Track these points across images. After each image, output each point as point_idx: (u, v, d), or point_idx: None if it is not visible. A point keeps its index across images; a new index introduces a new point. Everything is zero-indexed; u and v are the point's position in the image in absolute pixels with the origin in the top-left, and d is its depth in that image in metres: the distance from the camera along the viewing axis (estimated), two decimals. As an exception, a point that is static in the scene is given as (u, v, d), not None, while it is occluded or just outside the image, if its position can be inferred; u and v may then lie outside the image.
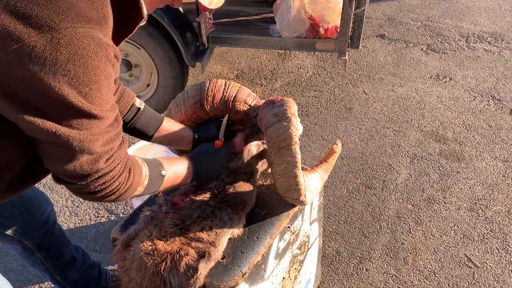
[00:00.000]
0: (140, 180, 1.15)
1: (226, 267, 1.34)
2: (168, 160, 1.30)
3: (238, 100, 1.57)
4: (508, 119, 3.16)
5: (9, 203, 1.53)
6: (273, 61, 4.03)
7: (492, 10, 4.90)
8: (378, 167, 2.77)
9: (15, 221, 1.58)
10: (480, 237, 2.29)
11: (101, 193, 1.06)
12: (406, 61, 4.00)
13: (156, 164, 1.23)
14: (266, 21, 3.53)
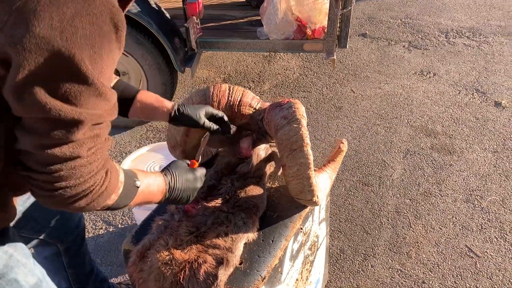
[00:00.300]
0: (116, 185, 1.00)
1: (245, 272, 1.34)
2: (142, 172, 1.14)
3: (243, 104, 1.57)
4: (493, 111, 3.25)
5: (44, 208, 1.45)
6: (259, 63, 4.04)
7: (467, 6, 5.03)
8: (373, 164, 2.80)
9: (50, 223, 1.54)
10: (478, 227, 2.33)
11: (71, 192, 0.89)
12: (390, 58, 4.06)
13: (130, 173, 1.08)
14: (252, 24, 3.53)
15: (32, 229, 1.51)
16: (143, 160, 2.23)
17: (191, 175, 1.28)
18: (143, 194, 1.11)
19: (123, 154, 3.02)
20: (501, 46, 4.12)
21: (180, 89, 3.70)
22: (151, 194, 1.15)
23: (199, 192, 1.35)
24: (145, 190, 1.11)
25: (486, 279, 2.08)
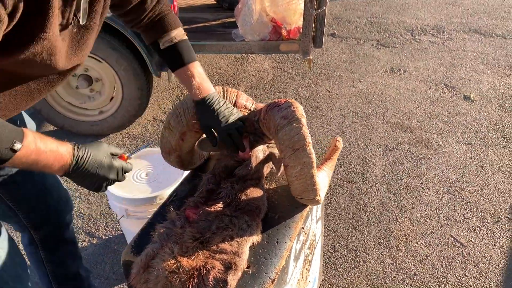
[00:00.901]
0: None
1: (254, 276, 1.31)
2: (42, 137, 1.07)
3: (238, 105, 1.55)
4: (463, 104, 3.36)
5: (30, 183, 1.46)
6: (232, 66, 4.02)
7: (429, 4, 5.20)
8: (354, 161, 2.84)
9: (29, 204, 1.51)
10: (461, 217, 2.41)
11: None
12: (360, 57, 4.14)
13: (15, 134, 1.00)
14: (225, 26, 3.51)
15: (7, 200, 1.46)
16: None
17: (107, 161, 1.22)
18: (29, 159, 1.03)
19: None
20: (464, 42, 4.29)
21: (154, 94, 3.63)
22: (43, 162, 1.07)
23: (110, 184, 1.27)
24: (30, 154, 1.03)
25: (474, 267, 2.15)
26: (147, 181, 2.09)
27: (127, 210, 2.02)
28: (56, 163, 1.09)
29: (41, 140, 1.06)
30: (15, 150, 0.99)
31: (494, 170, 2.71)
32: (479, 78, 3.68)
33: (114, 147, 1.29)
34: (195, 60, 1.44)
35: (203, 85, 1.42)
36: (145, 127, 3.29)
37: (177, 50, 1.41)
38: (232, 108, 1.46)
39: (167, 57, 1.44)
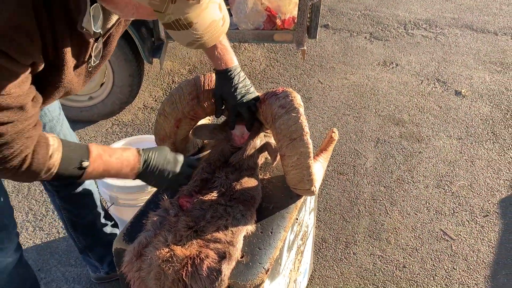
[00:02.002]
0: (42, 166, 1.08)
1: (248, 266, 1.30)
2: (105, 149, 1.21)
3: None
4: (454, 99, 3.38)
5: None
6: (224, 54, 3.97)
7: (422, -2, 5.20)
8: (346, 153, 2.84)
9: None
10: (450, 211, 2.43)
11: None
12: (353, 49, 4.13)
13: (79, 153, 1.15)
14: (219, 14, 3.46)
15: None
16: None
17: (171, 156, 1.35)
18: (99, 171, 1.19)
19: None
20: (456, 37, 4.30)
21: (145, 81, 3.58)
22: (115, 170, 1.22)
23: (182, 180, 1.40)
24: (100, 168, 1.19)
25: (462, 260, 2.17)
26: (139, 168, 2.06)
27: (118, 198, 1.99)
28: (125, 168, 1.24)
29: (105, 151, 1.21)
30: (84, 167, 1.14)
31: (483, 165, 2.74)
32: (471, 73, 3.70)
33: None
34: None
35: (226, 55, 1.43)
36: (135, 114, 3.25)
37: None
38: (250, 86, 1.47)
39: None
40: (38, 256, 2.23)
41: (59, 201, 1.78)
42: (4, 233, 1.48)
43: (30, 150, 1.05)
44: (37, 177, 1.10)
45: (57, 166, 1.11)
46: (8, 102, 0.93)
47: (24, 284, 1.64)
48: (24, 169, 1.05)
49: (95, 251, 1.94)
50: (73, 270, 2.16)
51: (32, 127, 1.03)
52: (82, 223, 1.86)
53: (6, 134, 0.97)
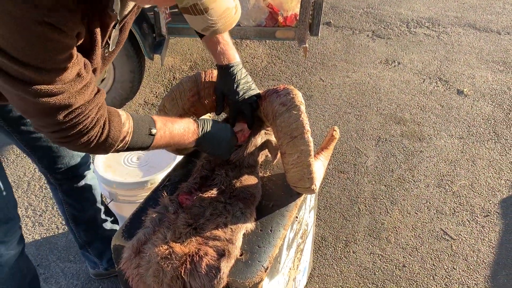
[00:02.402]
0: (119, 135, 1.11)
1: (247, 264, 1.30)
2: (167, 119, 1.26)
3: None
4: (456, 99, 3.37)
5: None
6: (226, 51, 3.96)
7: (425, -3, 5.17)
8: (346, 152, 2.83)
9: (43, 151, 1.61)
10: (451, 211, 2.42)
11: (75, 142, 1.05)
12: (355, 47, 4.11)
13: (147, 121, 1.20)
14: (221, 10, 3.45)
15: (23, 145, 1.59)
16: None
17: (222, 124, 1.40)
18: (165, 139, 1.23)
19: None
20: (459, 36, 4.28)
21: (145, 78, 3.57)
22: (178, 136, 1.27)
23: (232, 147, 1.43)
24: (165, 135, 1.23)
25: (462, 260, 2.16)
26: (138, 165, 2.06)
27: (117, 194, 1.99)
28: (187, 135, 1.29)
29: (167, 120, 1.25)
30: (153, 134, 1.19)
31: (484, 165, 2.73)
32: (473, 72, 3.69)
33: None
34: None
35: (228, 51, 1.44)
36: (136, 111, 3.24)
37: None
38: (251, 83, 1.47)
39: None
40: (37, 252, 2.23)
41: (61, 195, 1.79)
42: (8, 225, 1.49)
43: (105, 117, 1.08)
44: (115, 146, 1.12)
45: (131, 134, 1.15)
46: (66, 73, 0.95)
47: (25, 278, 1.64)
48: (104, 137, 1.08)
49: (95, 247, 1.94)
50: (72, 266, 2.16)
51: (96, 94, 1.05)
52: (83, 218, 1.86)
53: (76, 104, 0.99)
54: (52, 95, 0.95)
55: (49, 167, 1.67)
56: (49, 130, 1.03)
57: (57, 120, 0.99)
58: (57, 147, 1.63)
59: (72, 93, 0.98)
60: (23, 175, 2.66)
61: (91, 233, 1.91)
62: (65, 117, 0.99)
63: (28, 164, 2.73)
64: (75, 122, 1.01)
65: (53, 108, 0.97)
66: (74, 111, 1.00)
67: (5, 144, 2.82)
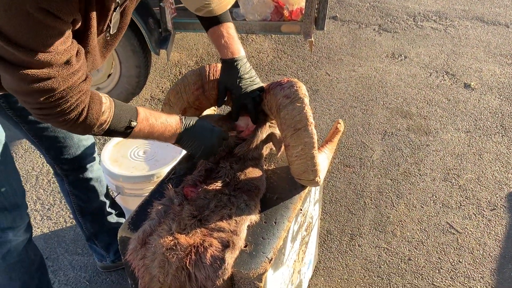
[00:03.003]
0: (96, 120, 1.14)
1: (251, 255, 1.31)
2: (151, 113, 1.28)
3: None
4: (463, 92, 3.35)
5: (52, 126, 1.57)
6: (231, 46, 3.96)
7: (432, -10, 5.13)
8: (352, 146, 2.83)
9: (50, 142, 1.65)
10: (457, 204, 2.41)
11: (57, 119, 1.07)
12: (361, 41, 4.09)
13: (130, 112, 1.22)
14: (226, 5, 3.45)
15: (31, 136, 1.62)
16: (125, 145, 2.14)
17: (208, 126, 1.39)
18: (145, 131, 1.25)
19: (96, 139, 2.90)
20: (467, 29, 4.25)
21: (152, 73, 3.58)
22: (158, 132, 1.28)
23: (215, 150, 1.43)
24: (145, 129, 1.25)
25: (468, 253, 2.16)
26: (145, 159, 2.07)
27: (124, 188, 2.01)
28: (167, 132, 1.30)
29: (152, 115, 1.27)
30: (131, 127, 1.21)
31: (491, 159, 2.71)
32: (480, 66, 3.66)
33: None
34: (230, 21, 1.47)
35: (233, 45, 1.44)
36: (142, 106, 3.25)
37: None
38: (255, 77, 1.47)
39: (203, 17, 1.45)
40: (45, 245, 2.26)
41: (68, 186, 1.81)
42: (16, 212, 1.52)
43: (85, 104, 1.10)
44: (91, 131, 1.16)
45: (109, 123, 1.17)
46: (55, 58, 0.97)
47: (33, 264, 1.67)
48: (80, 121, 1.11)
49: (102, 239, 1.96)
50: (80, 258, 2.19)
51: (82, 82, 1.07)
52: (90, 209, 1.89)
53: (59, 88, 1.01)
54: (38, 80, 0.97)
55: (56, 158, 1.70)
56: (30, 106, 1.06)
57: (38, 101, 1.02)
58: (64, 137, 1.65)
59: (57, 79, 1.00)
60: (32, 170, 2.69)
61: (97, 225, 1.93)
62: (46, 99, 1.02)
63: (36, 158, 2.76)
64: (54, 105, 1.04)
65: (36, 91, 1.00)
66: (55, 95, 1.02)
67: (14, 139, 2.85)
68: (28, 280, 1.66)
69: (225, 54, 1.44)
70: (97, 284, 2.08)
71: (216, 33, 1.45)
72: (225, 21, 1.44)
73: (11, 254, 1.57)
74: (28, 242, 1.63)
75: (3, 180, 1.45)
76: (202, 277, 1.24)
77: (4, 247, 1.55)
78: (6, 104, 1.51)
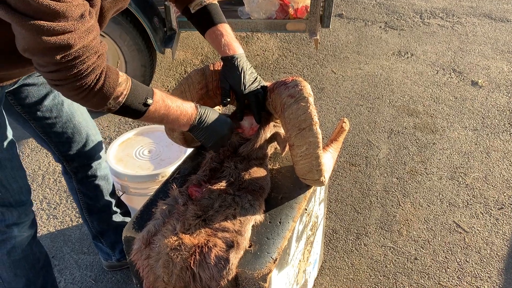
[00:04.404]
0: (113, 91, 1.10)
1: (256, 255, 1.30)
2: (168, 96, 1.25)
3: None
4: (470, 90, 3.32)
5: (59, 119, 1.61)
6: (237, 44, 3.96)
7: (439, -13, 5.09)
8: (358, 144, 2.81)
9: (59, 138, 1.65)
10: (464, 203, 2.39)
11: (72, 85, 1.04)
12: (367, 39, 4.07)
13: (146, 90, 1.19)
14: (231, 3, 3.44)
15: (40, 133, 1.63)
16: (130, 144, 2.14)
17: (222, 117, 1.38)
18: (160, 113, 1.22)
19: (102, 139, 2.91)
20: (474, 26, 4.21)
21: (157, 72, 3.59)
22: (174, 116, 1.25)
23: (225, 142, 1.44)
24: (161, 110, 1.21)
25: (475, 253, 2.14)
26: (150, 158, 2.07)
27: (129, 187, 2.01)
28: (182, 117, 1.27)
29: (168, 97, 1.24)
30: (148, 104, 1.17)
31: (499, 157, 2.69)
32: (488, 63, 3.62)
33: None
34: (225, 22, 1.47)
35: (232, 44, 1.44)
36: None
37: (207, 11, 1.44)
38: (256, 74, 1.47)
39: (198, 20, 1.46)
40: (52, 244, 2.27)
41: (76, 184, 1.82)
42: (22, 209, 1.53)
43: (102, 69, 1.07)
44: (106, 102, 1.11)
45: (126, 96, 1.13)
46: (70, 10, 0.95)
47: (38, 261, 1.68)
48: (97, 89, 1.07)
49: (108, 237, 1.97)
50: (85, 257, 2.20)
51: (98, 43, 1.05)
52: (97, 208, 1.90)
53: (75, 46, 0.99)
54: (54, 33, 0.95)
55: (65, 154, 1.71)
56: (46, 69, 1.03)
57: (54, 60, 0.99)
58: (72, 132, 1.66)
59: (73, 34, 0.98)
60: (38, 169, 2.70)
61: (104, 223, 1.94)
62: (63, 57, 0.99)
63: (43, 158, 2.77)
64: (71, 65, 1.01)
65: (52, 47, 0.97)
66: (72, 53, 0.99)
67: (20, 138, 2.87)
68: (33, 277, 1.67)
69: (226, 52, 1.43)
70: (103, 283, 2.08)
71: (215, 33, 1.45)
72: (222, 22, 1.45)
73: (16, 250, 1.58)
74: (33, 239, 1.64)
75: (9, 177, 1.46)
76: (207, 277, 1.24)
77: (9, 243, 1.56)
78: (15, 101, 1.52)
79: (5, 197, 1.47)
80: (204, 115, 1.32)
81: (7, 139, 1.45)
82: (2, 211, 1.49)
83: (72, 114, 1.65)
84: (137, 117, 1.21)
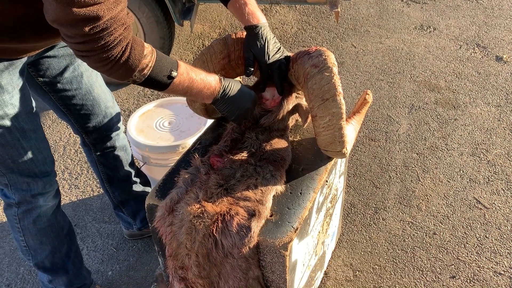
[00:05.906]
0: (139, 62, 1.11)
1: (277, 224, 1.31)
2: (192, 68, 1.25)
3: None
4: (494, 65, 3.23)
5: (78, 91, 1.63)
6: (255, 18, 3.90)
7: (464, -41, 4.91)
8: (378, 119, 2.78)
9: (78, 110, 1.68)
10: (485, 180, 2.36)
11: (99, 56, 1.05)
12: (389, 12, 3.97)
13: (171, 63, 1.19)
14: (251, -25, 3.38)
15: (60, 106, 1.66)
16: (151, 115, 2.16)
17: (246, 89, 1.38)
18: (184, 85, 1.22)
19: (121, 111, 2.93)
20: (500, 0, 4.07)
21: (175, 45, 3.57)
22: (197, 88, 1.25)
23: (249, 115, 1.43)
24: (185, 82, 1.22)
25: (495, 229, 2.12)
26: (170, 129, 2.09)
27: (149, 157, 2.03)
28: (206, 90, 1.27)
29: (192, 70, 1.24)
30: (172, 77, 1.18)
31: (522, 134, 2.64)
32: (514, 38, 3.52)
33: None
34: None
35: (255, 13, 1.42)
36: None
37: None
38: (279, 44, 1.45)
39: None
40: (73, 213, 2.32)
41: (95, 156, 1.85)
42: (46, 179, 1.56)
43: (129, 40, 1.08)
44: (132, 74, 1.12)
45: (151, 68, 1.14)
46: None
47: (62, 229, 1.72)
48: (123, 60, 1.08)
49: (129, 207, 2.01)
50: (107, 226, 2.24)
51: (125, 14, 1.06)
52: (117, 177, 1.93)
53: (104, 17, 1.00)
54: (84, 4, 0.96)
55: (84, 126, 1.73)
56: (73, 40, 1.03)
57: (83, 32, 0.99)
58: (92, 104, 1.68)
59: (102, 6, 0.99)
60: (59, 140, 2.75)
61: (125, 193, 1.97)
62: (91, 29, 1.00)
63: (64, 129, 2.81)
64: (98, 37, 1.01)
65: (82, 19, 0.98)
66: (100, 25, 1.00)
67: (42, 109, 2.91)
68: (58, 245, 1.72)
69: (250, 21, 1.41)
70: (124, 251, 2.13)
71: (238, 2, 1.43)
72: None
73: (41, 219, 1.63)
74: (57, 208, 1.68)
75: (34, 148, 1.49)
76: (229, 244, 1.26)
77: (35, 212, 1.60)
78: (36, 73, 1.53)
79: (30, 167, 1.50)
80: (228, 88, 1.32)
81: (32, 110, 1.47)
82: (28, 182, 1.52)
83: (91, 86, 1.67)
84: (161, 89, 1.22)
